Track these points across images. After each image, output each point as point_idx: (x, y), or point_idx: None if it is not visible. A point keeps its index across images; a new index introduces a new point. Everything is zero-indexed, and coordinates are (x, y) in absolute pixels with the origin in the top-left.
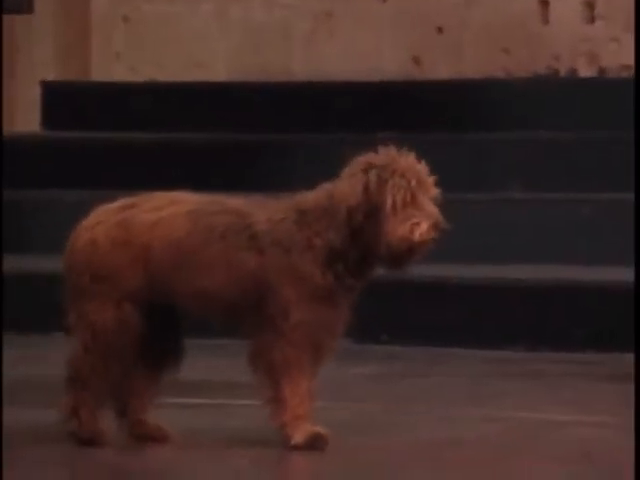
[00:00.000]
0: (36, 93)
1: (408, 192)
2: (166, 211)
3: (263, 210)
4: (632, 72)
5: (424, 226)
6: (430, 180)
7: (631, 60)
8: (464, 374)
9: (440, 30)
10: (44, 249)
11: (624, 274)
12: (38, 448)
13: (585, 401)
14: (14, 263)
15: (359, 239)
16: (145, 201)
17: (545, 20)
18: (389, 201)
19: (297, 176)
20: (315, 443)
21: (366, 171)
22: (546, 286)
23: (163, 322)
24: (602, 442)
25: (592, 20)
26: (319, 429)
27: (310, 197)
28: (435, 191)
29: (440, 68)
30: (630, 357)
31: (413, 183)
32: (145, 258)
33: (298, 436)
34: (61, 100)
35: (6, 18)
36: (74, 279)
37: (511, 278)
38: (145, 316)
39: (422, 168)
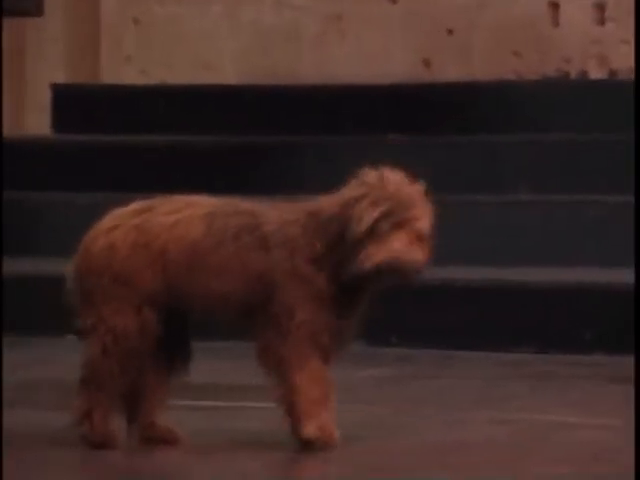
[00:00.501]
0: (46, 96)
1: (382, 221)
2: (182, 214)
3: (275, 212)
4: None
5: (376, 259)
6: (417, 214)
7: None
8: (473, 376)
9: (450, 32)
10: (54, 252)
11: (632, 276)
12: (47, 450)
13: (593, 403)
14: (25, 266)
15: (335, 252)
16: (161, 204)
17: (555, 22)
18: (358, 224)
19: (306, 178)
20: (325, 439)
21: (355, 189)
22: (554, 288)
23: (173, 325)
24: (610, 444)
25: (602, 22)
26: (331, 425)
27: (319, 202)
28: (421, 225)
29: (450, 70)
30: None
31: (391, 213)
32: (163, 261)
33: (309, 429)
34: (71, 103)
35: (16, 21)
36: (92, 283)
37: (519, 280)
38: (162, 320)
39: (415, 201)
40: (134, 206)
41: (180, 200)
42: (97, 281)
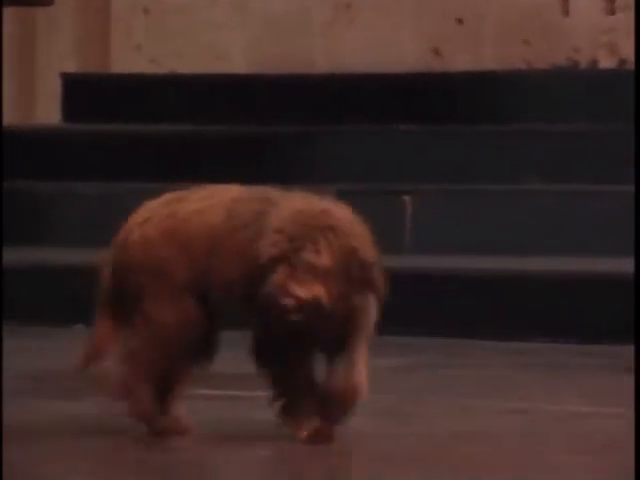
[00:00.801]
0: (56, 85)
1: (272, 254)
2: (208, 201)
3: (292, 204)
4: None
5: (261, 294)
6: (310, 246)
7: None
8: (483, 366)
9: (460, 21)
10: (64, 241)
11: None
12: (54, 439)
13: (605, 392)
14: (33, 255)
15: None
16: (191, 193)
17: (565, 11)
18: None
19: (317, 167)
20: (317, 438)
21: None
22: (565, 278)
23: (204, 314)
24: (623, 434)
25: (612, 11)
26: (319, 424)
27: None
28: (313, 259)
29: (460, 59)
30: None
31: (278, 244)
32: (190, 248)
33: (302, 434)
34: (81, 92)
35: (26, 10)
36: (130, 276)
37: (530, 269)
38: (201, 308)
39: (312, 233)
40: (165, 197)
41: (209, 189)
42: (134, 275)
